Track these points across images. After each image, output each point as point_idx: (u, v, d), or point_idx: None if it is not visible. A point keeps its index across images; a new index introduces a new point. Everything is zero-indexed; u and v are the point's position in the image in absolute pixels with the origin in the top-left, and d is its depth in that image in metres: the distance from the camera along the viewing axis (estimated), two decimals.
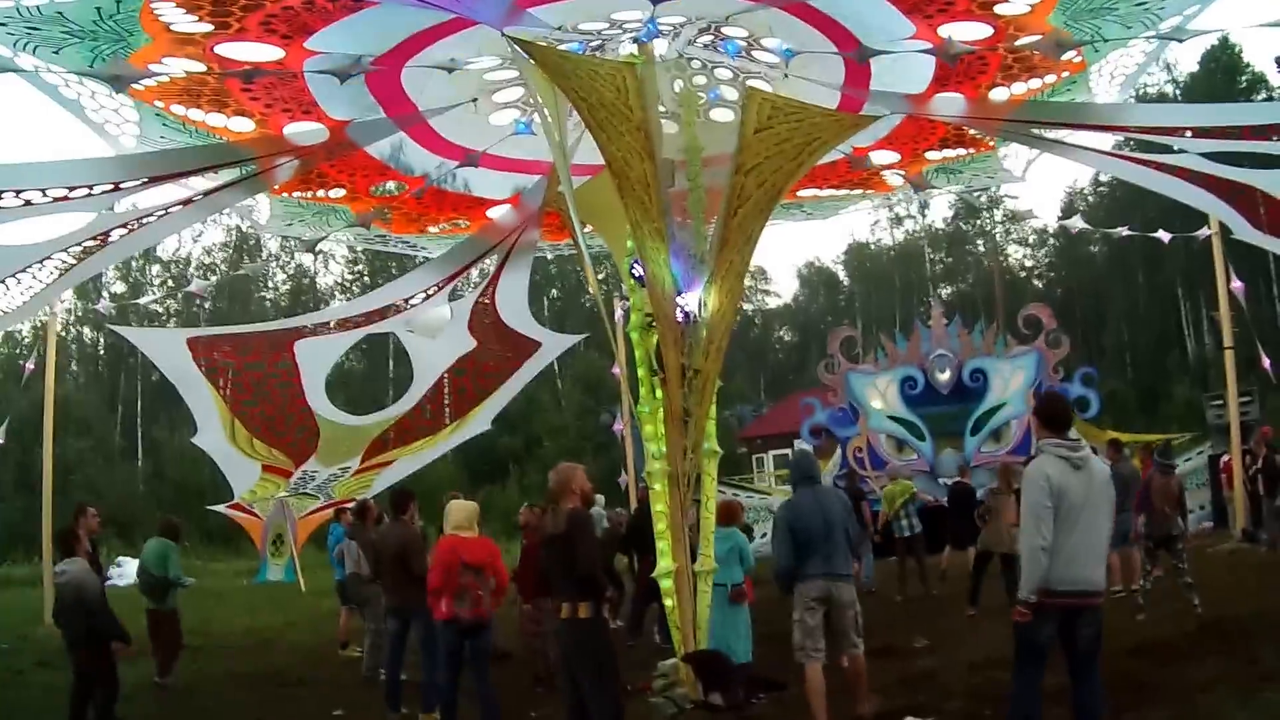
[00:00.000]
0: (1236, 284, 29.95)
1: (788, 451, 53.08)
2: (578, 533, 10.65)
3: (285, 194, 18.55)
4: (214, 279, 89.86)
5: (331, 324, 23.29)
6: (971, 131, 17.68)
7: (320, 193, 18.62)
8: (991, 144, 18.43)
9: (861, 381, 36.30)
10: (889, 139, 18.02)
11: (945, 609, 21.04)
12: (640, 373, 14.66)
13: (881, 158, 18.93)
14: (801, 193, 20.17)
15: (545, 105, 13.57)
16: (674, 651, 14.20)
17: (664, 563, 14.12)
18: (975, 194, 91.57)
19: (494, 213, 19.92)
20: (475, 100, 16.08)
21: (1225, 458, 31.33)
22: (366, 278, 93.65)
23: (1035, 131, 16.90)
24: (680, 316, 13.81)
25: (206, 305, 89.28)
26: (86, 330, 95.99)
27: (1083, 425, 34.92)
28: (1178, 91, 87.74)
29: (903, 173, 19.64)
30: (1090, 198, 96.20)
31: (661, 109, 15.09)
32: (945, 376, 35.24)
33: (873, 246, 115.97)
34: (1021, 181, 19.91)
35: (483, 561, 13.59)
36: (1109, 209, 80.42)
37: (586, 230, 16.34)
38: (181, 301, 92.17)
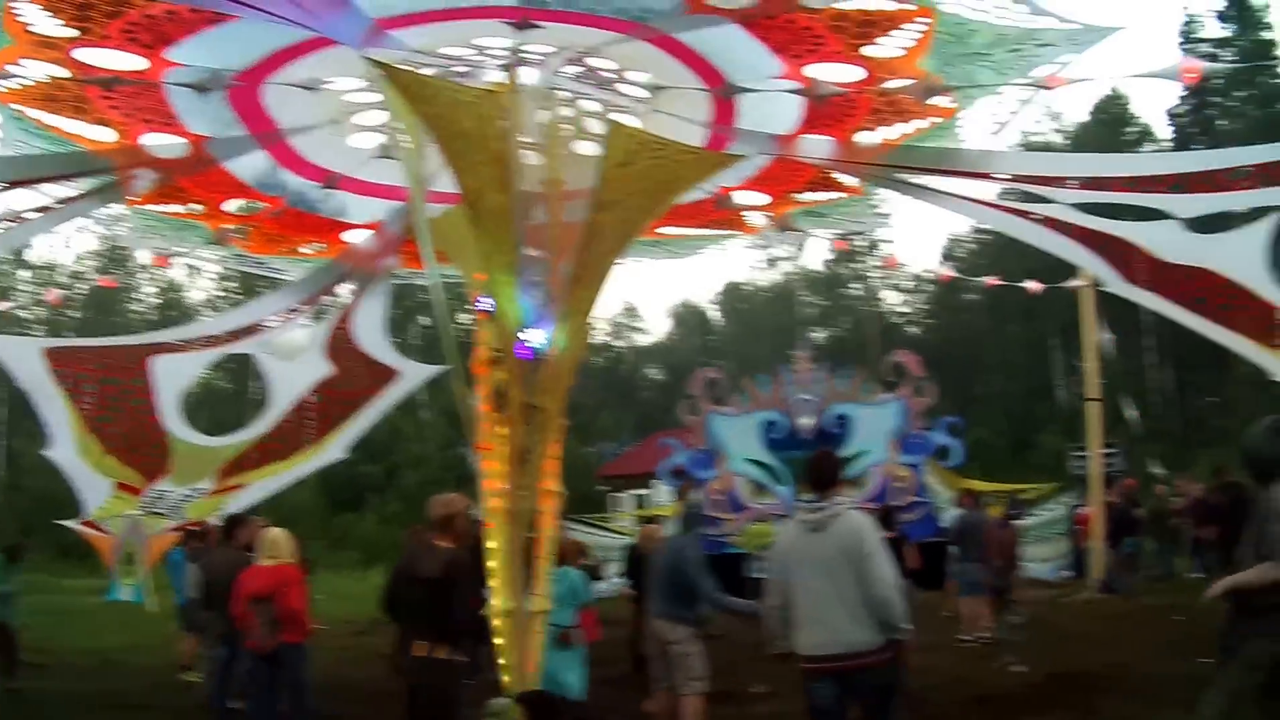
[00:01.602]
0: (1105, 336, 30.05)
1: (646, 492, 53.09)
2: (458, 579, 10.52)
3: (144, 206, 18.17)
4: (81, 287, 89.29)
5: (190, 341, 22.97)
6: (840, 175, 17.60)
7: (179, 207, 18.26)
8: (860, 188, 18.30)
9: (723, 424, 35.92)
10: (757, 179, 17.91)
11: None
12: (482, 407, 14.42)
13: (749, 198, 18.74)
14: (664, 230, 19.98)
15: (404, 130, 13.32)
16: (506, 691, 13.99)
17: (498, 602, 13.86)
18: (851, 238, 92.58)
19: (353, 238, 19.69)
20: (337, 122, 15.81)
21: (1083, 509, 31.59)
22: (238, 294, 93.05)
23: (904, 177, 16.81)
24: (526, 353, 13.58)
25: (75, 315, 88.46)
26: None
27: (945, 473, 35.10)
28: (1065, 141, 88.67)
29: (769, 214, 19.45)
30: (970, 245, 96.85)
31: (525, 140, 14.94)
32: (808, 421, 35.02)
33: (746, 287, 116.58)
34: (889, 226, 20.02)
35: (266, 591, 13.41)
36: (989, 257, 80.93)
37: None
38: (50, 310, 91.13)
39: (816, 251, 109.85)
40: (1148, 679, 16.04)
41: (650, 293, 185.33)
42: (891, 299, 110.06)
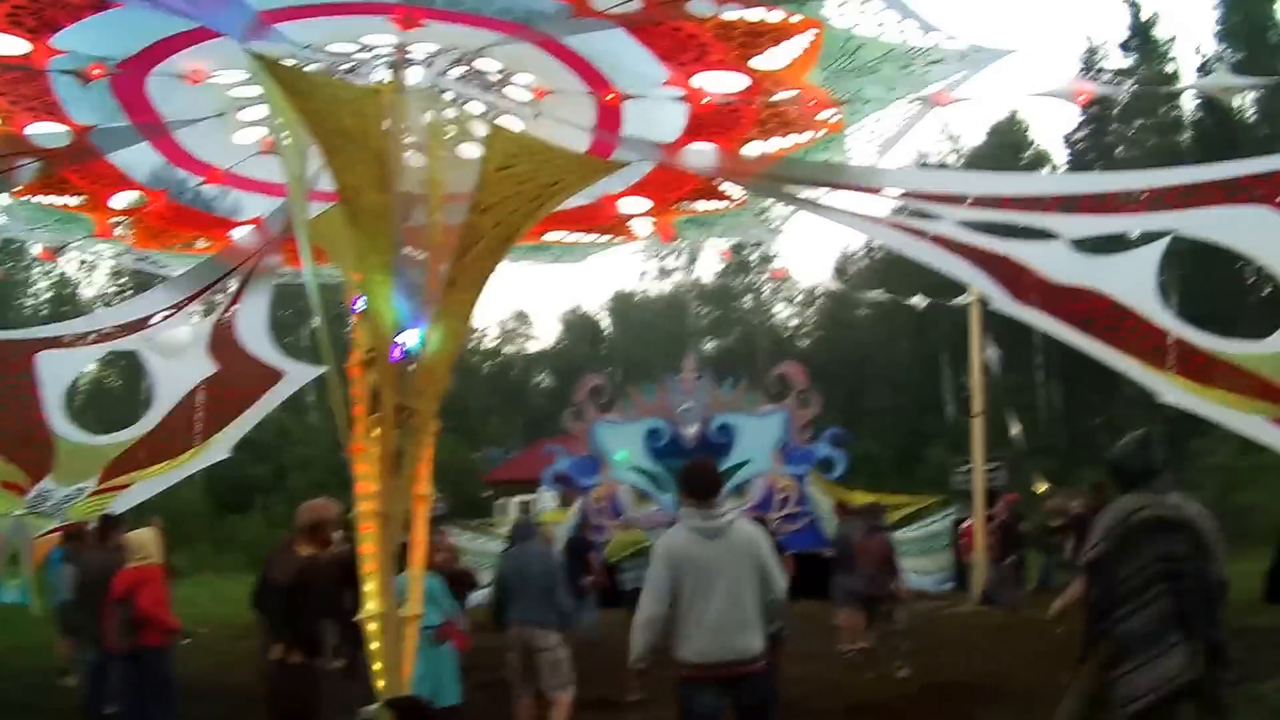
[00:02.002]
0: (991, 352, 30.29)
1: (532, 497, 53.08)
2: (304, 589, 10.47)
3: (27, 197, 17.98)
4: None
5: (68, 338, 22.68)
6: (724, 185, 17.60)
7: (62, 199, 18.06)
8: (746, 199, 18.31)
9: (607, 431, 36.16)
10: (640, 186, 17.92)
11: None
12: (356, 409, 14.32)
13: (633, 205, 18.72)
14: (549, 235, 19.95)
15: (284, 126, 13.19)
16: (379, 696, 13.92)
17: (371, 606, 13.77)
18: (742, 250, 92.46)
19: (236, 234, 19.54)
20: (222, 115, 15.67)
21: (966, 522, 31.82)
22: (130, 290, 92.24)
23: (790, 189, 16.82)
24: (400, 355, 13.50)
25: None
26: None
27: (829, 485, 35.23)
28: (961, 162, 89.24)
29: (654, 221, 19.43)
30: (862, 260, 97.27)
31: (410, 140, 14.85)
32: (692, 430, 35.09)
33: (638, 296, 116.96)
34: (776, 237, 20.04)
35: (124, 592, 13.35)
36: (881, 272, 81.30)
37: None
38: None
39: (708, 263, 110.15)
40: (1023, 689, 16.23)
41: (541, 299, 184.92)
42: (782, 312, 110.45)
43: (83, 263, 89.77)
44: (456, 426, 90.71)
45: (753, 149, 15.90)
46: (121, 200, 18.38)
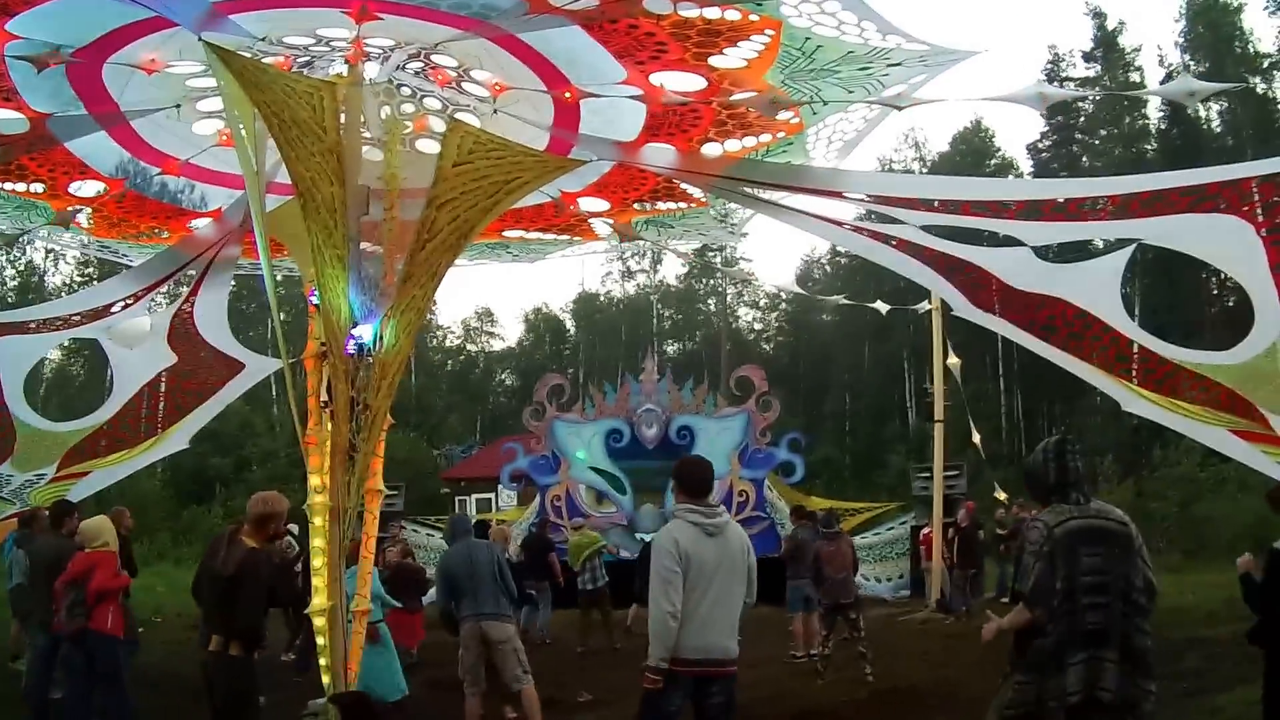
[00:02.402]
0: (952, 359, 30.27)
1: (490, 495, 53.08)
2: (247, 580, 10.41)
3: None
4: None
5: (32, 324, 22.58)
6: (683, 185, 17.53)
7: (20, 186, 17.96)
8: (704, 199, 18.26)
9: (566, 430, 36.27)
10: (599, 185, 17.84)
11: (624, 663, 20.69)
12: (310, 402, 14.26)
13: (591, 204, 18.65)
14: (508, 233, 19.89)
15: (238, 117, 13.13)
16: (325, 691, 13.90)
17: (318, 600, 13.73)
18: (709, 252, 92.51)
19: (195, 225, 19.49)
20: (178, 106, 15.59)
21: (926, 529, 31.80)
22: (96, 280, 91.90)
23: (749, 191, 16.76)
24: (353, 349, 13.45)
25: None
26: None
27: (787, 490, 35.30)
28: (924, 170, 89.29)
29: (610, 221, 19.37)
30: (826, 266, 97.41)
31: (366, 134, 14.80)
32: (652, 431, 35.19)
33: (602, 298, 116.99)
34: (736, 240, 19.99)
35: (76, 575, 13.28)
36: (845, 277, 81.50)
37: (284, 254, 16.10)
38: None
39: (672, 265, 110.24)
40: (977, 695, 16.07)
41: (505, 298, 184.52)
42: (746, 315, 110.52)
43: (49, 251, 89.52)
44: (418, 423, 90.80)
45: (711, 149, 15.82)
46: (80, 189, 18.23)
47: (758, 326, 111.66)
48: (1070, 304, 15.63)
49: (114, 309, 21.33)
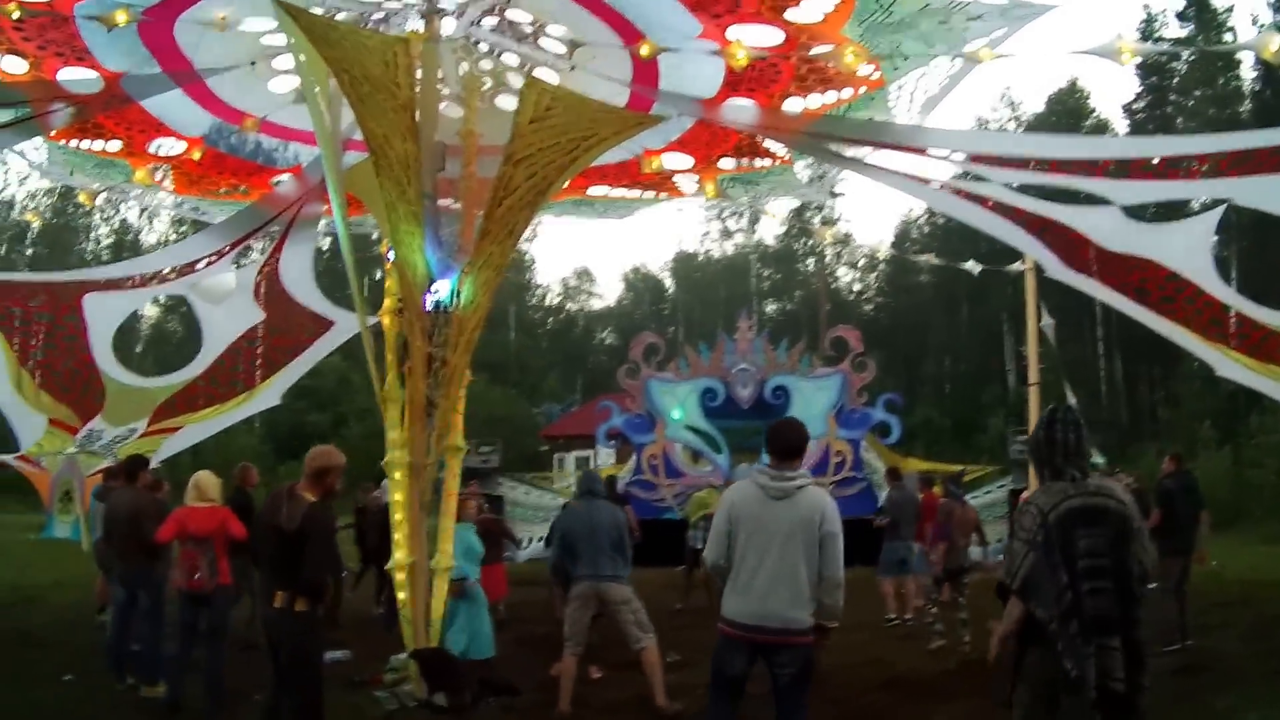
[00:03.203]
0: (1046, 321, 29.86)
1: (589, 453, 52.93)
2: (313, 534, 10.28)
3: (64, 141, 17.94)
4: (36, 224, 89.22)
5: (129, 281, 22.73)
6: (766, 143, 17.33)
7: (99, 144, 18.05)
8: (789, 157, 18.05)
9: (661, 389, 35.86)
10: (681, 142, 17.69)
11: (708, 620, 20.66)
12: (388, 359, 14.24)
13: (675, 161, 18.49)
14: (593, 190, 19.77)
15: (310, 74, 13.09)
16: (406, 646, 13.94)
17: (399, 555, 13.77)
18: (807, 212, 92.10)
19: (275, 182, 19.53)
20: (254, 64, 15.57)
21: (1024, 493, 31.38)
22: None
23: (832, 147, 16.54)
24: (430, 305, 13.41)
25: (28, 252, 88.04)
26: None
27: (884, 451, 34.98)
28: (1020, 129, 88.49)
29: (696, 178, 19.18)
30: (924, 227, 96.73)
31: (445, 91, 14.75)
32: (746, 391, 34.88)
33: (701, 257, 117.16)
34: (826, 198, 19.79)
35: (209, 532, 13.20)
36: (942, 238, 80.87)
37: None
38: (6, 246, 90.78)
39: (769, 225, 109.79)
40: None
41: (604, 257, 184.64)
42: (845, 276, 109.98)
43: (143, 210, 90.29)
44: (517, 381, 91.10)
45: (792, 105, 15.52)
46: (158, 146, 18.29)
47: (857, 287, 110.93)
48: (1162, 266, 15.43)
49: (199, 266, 21.41)
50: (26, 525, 43.85)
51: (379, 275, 18.58)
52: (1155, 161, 14.88)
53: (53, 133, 17.24)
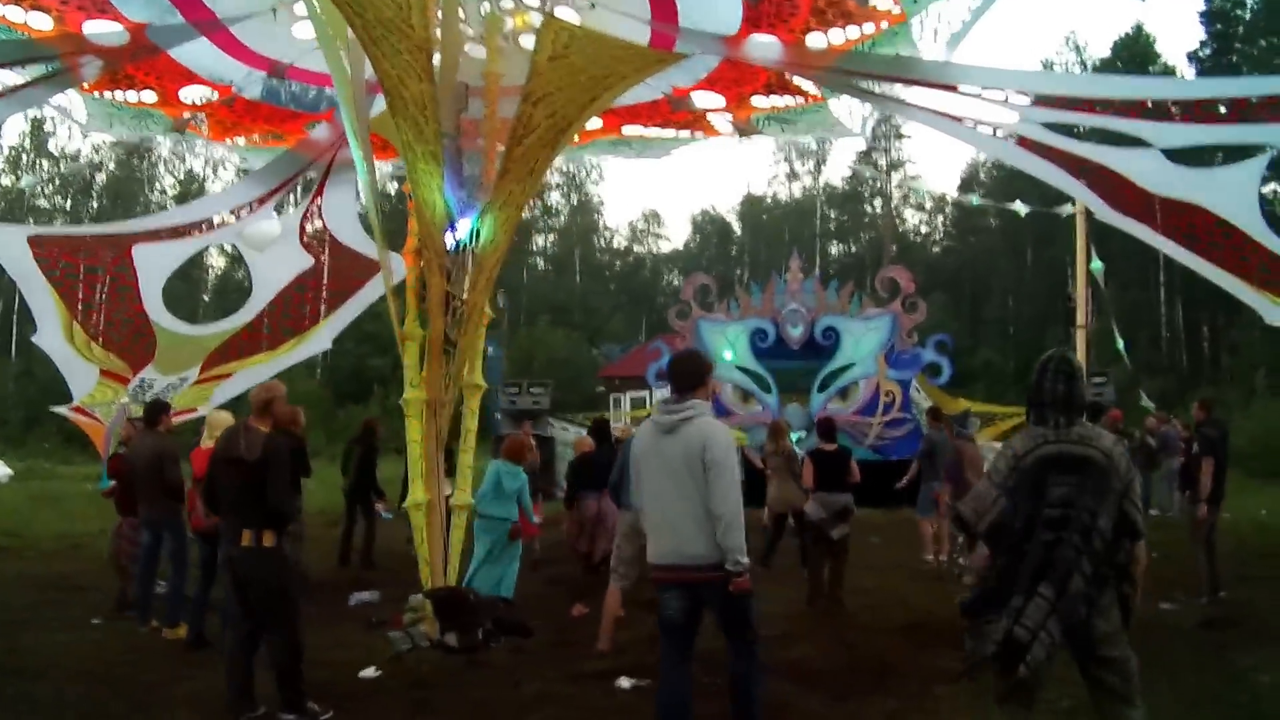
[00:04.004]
0: (1096, 264, 29.64)
1: (644, 394, 52.92)
2: (273, 462, 10.35)
3: (99, 94, 18.14)
4: (100, 177, 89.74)
5: (167, 230, 22.88)
6: (796, 80, 17.22)
7: (133, 95, 18.22)
8: (820, 94, 17.91)
9: (712, 330, 35.64)
10: (710, 80, 17.53)
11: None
12: (409, 299, 14.30)
13: (707, 100, 18.41)
14: (626, 130, 19.74)
15: (324, 17, 13.15)
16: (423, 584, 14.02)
17: (415, 493, 13.82)
18: (874, 155, 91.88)
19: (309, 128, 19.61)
20: (274, 10, 15.59)
21: None
22: None
23: (861, 84, 16.42)
24: (451, 244, 13.45)
25: (93, 205, 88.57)
26: None
27: (935, 392, 34.90)
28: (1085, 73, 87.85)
29: (730, 117, 19.08)
30: (994, 169, 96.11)
31: (468, 32, 14.76)
32: (797, 332, 34.77)
33: (768, 199, 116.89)
34: (860, 137, 19.65)
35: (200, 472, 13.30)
36: (1007, 182, 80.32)
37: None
38: (72, 199, 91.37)
39: (837, 167, 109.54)
40: None
41: (671, 199, 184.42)
42: (912, 218, 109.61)
43: (208, 160, 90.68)
44: (583, 323, 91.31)
45: (815, 40, 15.20)
46: (192, 94, 18.40)
47: (924, 230, 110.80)
48: (1208, 211, 15.27)
49: (242, 213, 21.57)
50: (86, 476, 44.39)
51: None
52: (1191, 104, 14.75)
53: (85, 85, 17.39)
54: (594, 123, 18.69)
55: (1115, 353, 36.87)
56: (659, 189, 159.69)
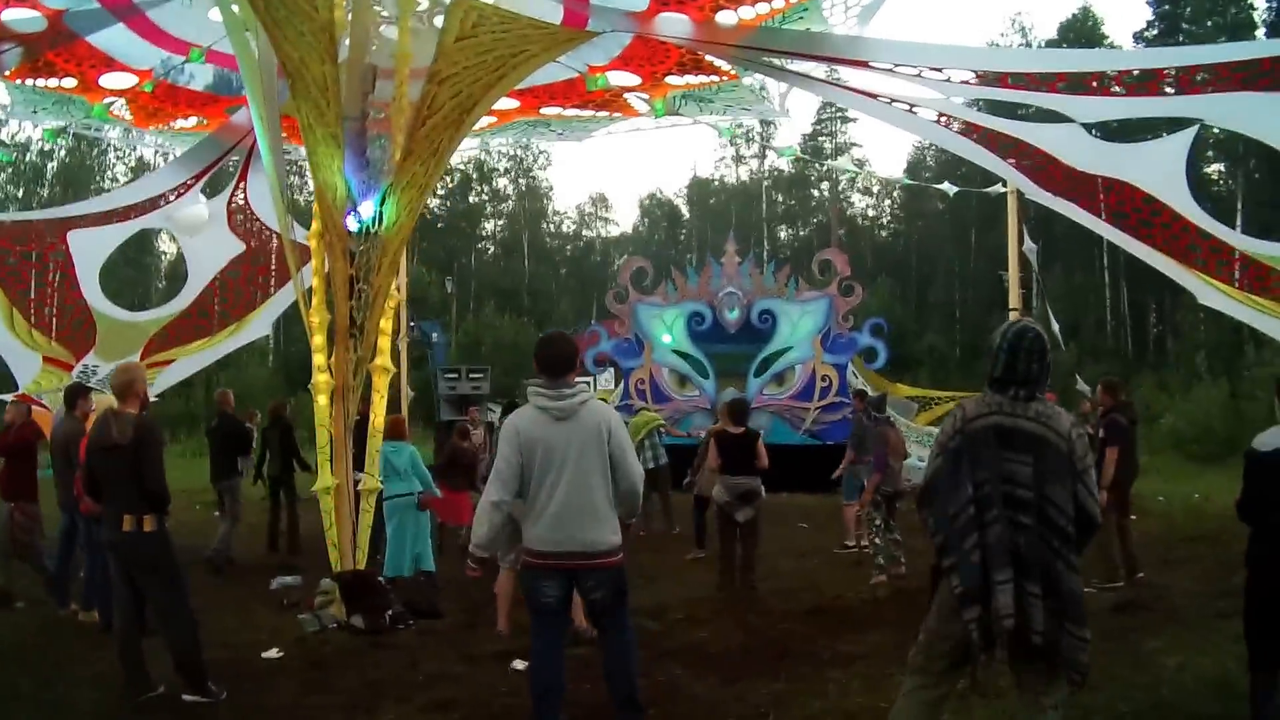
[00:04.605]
0: (1029, 245, 29.58)
1: (589, 379, 52.97)
2: (147, 442, 10.32)
3: (20, 81, 18.18)
4: (51, 166, 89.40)
5: (98, 215, 22.90)
6: (709, 58, 17.10)
7: (54, 81, 18.21)
8: (735, 73, 17.82)
9: (649, 313, 35.72)
10: (624, 59, 17.43)
11: (671, 547, 21.07)
12: (315, 282, 14.29)
13: (621, 79, 18.32)
14: (545, 110, 19.66)
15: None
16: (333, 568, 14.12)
17: (323, 478, 13.84)
18: (821, 137, 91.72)
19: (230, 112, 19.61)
20: None
21: None
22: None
23: (770, 60, 16.29)
24: (355, 226, 13.44)
25: (44, 193, 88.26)
26: None
27: (870, 375, 34.90)
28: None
29: (646, 96, 19.01)
30: (940, 153, 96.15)
31: (384, 14, 14.73)
32: (733, 315, 34.66)
33: (715, 183, 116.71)
34: (783, 115, 19.51)
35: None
36: (956, 163, 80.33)
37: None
38: (25, 188, 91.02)
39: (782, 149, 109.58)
40: None
41: (620, 183, 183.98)
42: (860, 202, 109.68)
43: (157, 149, 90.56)
44: (530, 308, 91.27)
45: (725, 17, 15.06)
46: (112, 81, 18.37)
47: (871, 213, 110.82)
48: (1136, 187, 14.82)
49: (170, 198, 21.57)
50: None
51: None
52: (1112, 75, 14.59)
53: (6, 72, 17.40)
54: (511, 103, 18.68)
55: (1051, 335, 36.73)
56: (607, 173, 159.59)
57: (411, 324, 34.07)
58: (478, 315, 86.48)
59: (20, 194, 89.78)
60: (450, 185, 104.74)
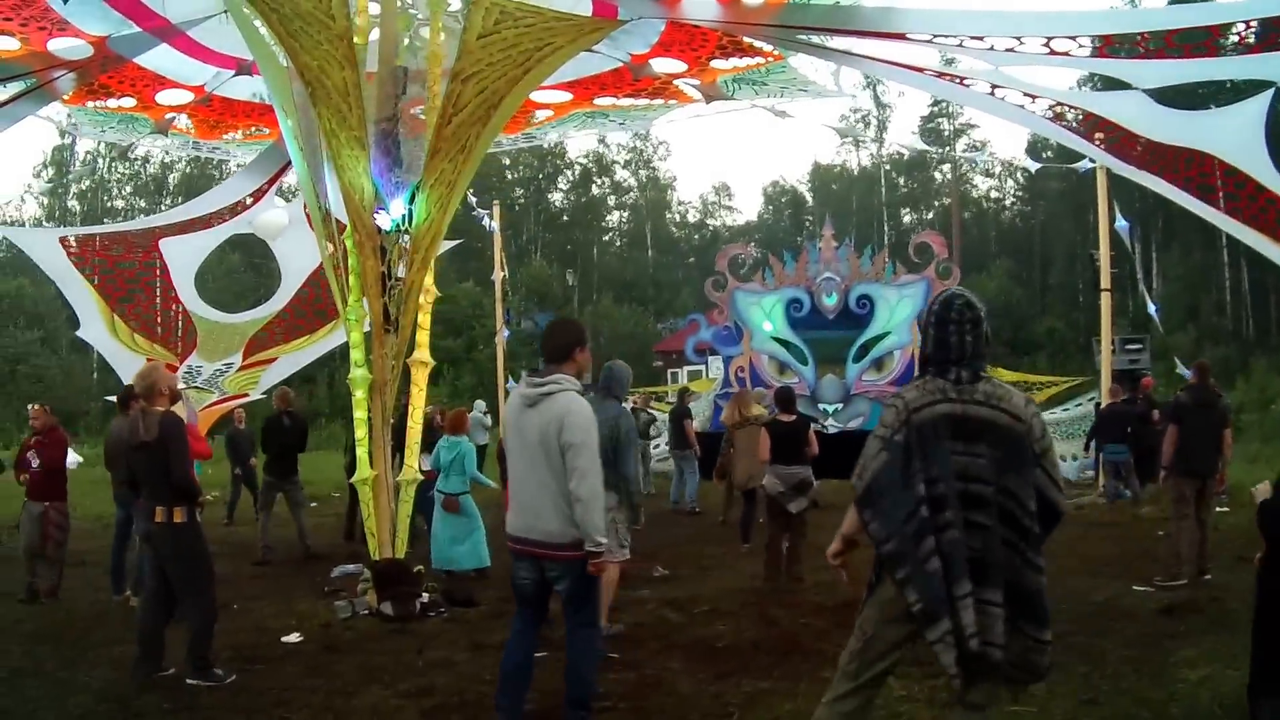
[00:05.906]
0: (1121, 223, 28.98)
1: (701, 367, 52.71)
2: (171, 439, 10.63)
3: (82, 105, 18.84)
4: (172, 177, 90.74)
5: (187, 223, 23.34)
6: (748, 39, 16.83)
7: (113, 102, 18.81)
8: (780, 54, 17.52)
9: (747, 300, 35.22)
10: (664, 45, 17.10)
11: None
12: (351, 280, 14.54)
13: (667, 66, 18.06)
14: (599, 101, 19.81)
15: (239, 11, 13.44)
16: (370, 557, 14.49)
17: (363, 470, 14.23)
18: (939, 119, 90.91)
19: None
20: (226, 12, 15.74)
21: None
22: None
23: (806, 38, 15.76)
24: (388, 225, 13.69)
25: (167, 203, 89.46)
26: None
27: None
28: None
29: (695, 82, 18.78)
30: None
31: (419, 17, 14.94)
32: (831, 301, 34.41)
33: (837, 169, 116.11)
34: (842, 95, 19.28)
35: None
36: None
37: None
38: (147, 199, 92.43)
39: (902, 134, 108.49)
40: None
41: (742, 172, 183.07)
42: (982, 184, 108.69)
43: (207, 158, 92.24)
44: (652, 299, 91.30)
45: None
46: (169, 97, 18.84)
47: (994, 195, 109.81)
48: (1219, 159, 14.08)
49: (247, 203, 22.02)
50: None
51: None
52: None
53: (65, 97, 17.92)
54: (563, 96, 18.77)
55: (1148, 317, 35.74)
56: (728, 161, 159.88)
57: (508, 317, 34.13)
58: (596, 307, 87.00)
59: (144, 204, 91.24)
60: (573, 179, 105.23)
